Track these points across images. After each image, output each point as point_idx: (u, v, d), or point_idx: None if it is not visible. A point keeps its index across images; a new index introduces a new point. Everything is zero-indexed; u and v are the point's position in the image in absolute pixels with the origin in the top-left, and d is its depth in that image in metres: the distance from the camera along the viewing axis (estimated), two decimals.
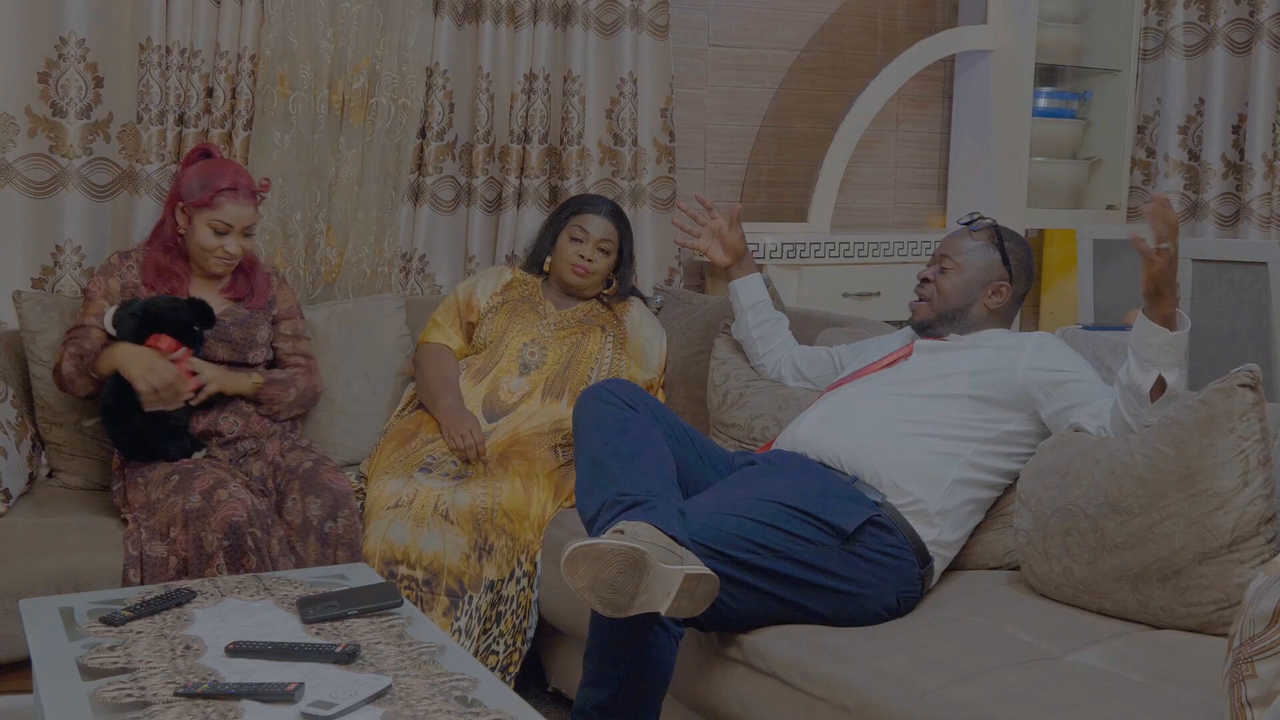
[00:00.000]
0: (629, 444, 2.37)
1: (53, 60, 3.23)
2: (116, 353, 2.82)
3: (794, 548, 2.30)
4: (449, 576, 2.75)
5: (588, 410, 2.48)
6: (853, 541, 2.36)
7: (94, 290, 2.99)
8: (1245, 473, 2.19)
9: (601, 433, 2.40)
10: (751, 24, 4.34)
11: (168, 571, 2.64)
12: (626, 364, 3.32)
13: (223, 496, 2.64)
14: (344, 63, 3.50)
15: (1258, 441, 2.20)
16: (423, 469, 2.95)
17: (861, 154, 4.44)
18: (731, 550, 2.25)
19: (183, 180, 3.00)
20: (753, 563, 2.26)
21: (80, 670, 1.92)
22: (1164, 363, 2.26)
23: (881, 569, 2.37)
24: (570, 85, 3.83)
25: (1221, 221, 4.43)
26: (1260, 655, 1.54)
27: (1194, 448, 2.21)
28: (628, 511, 2.17)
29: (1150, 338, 2.26)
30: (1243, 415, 2.20)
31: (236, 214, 2.95)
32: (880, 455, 2.51)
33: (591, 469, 2.35)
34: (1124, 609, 2.30)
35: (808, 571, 2.30)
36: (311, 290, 3.59)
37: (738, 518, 2.30)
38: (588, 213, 3.36)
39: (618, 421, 2.42)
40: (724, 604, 2.23)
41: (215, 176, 2.95)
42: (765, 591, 2.28)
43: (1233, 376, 2.23)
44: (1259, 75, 4.26)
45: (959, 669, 2.08)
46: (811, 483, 2.45)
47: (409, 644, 2.04)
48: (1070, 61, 4.69)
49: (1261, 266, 3.40)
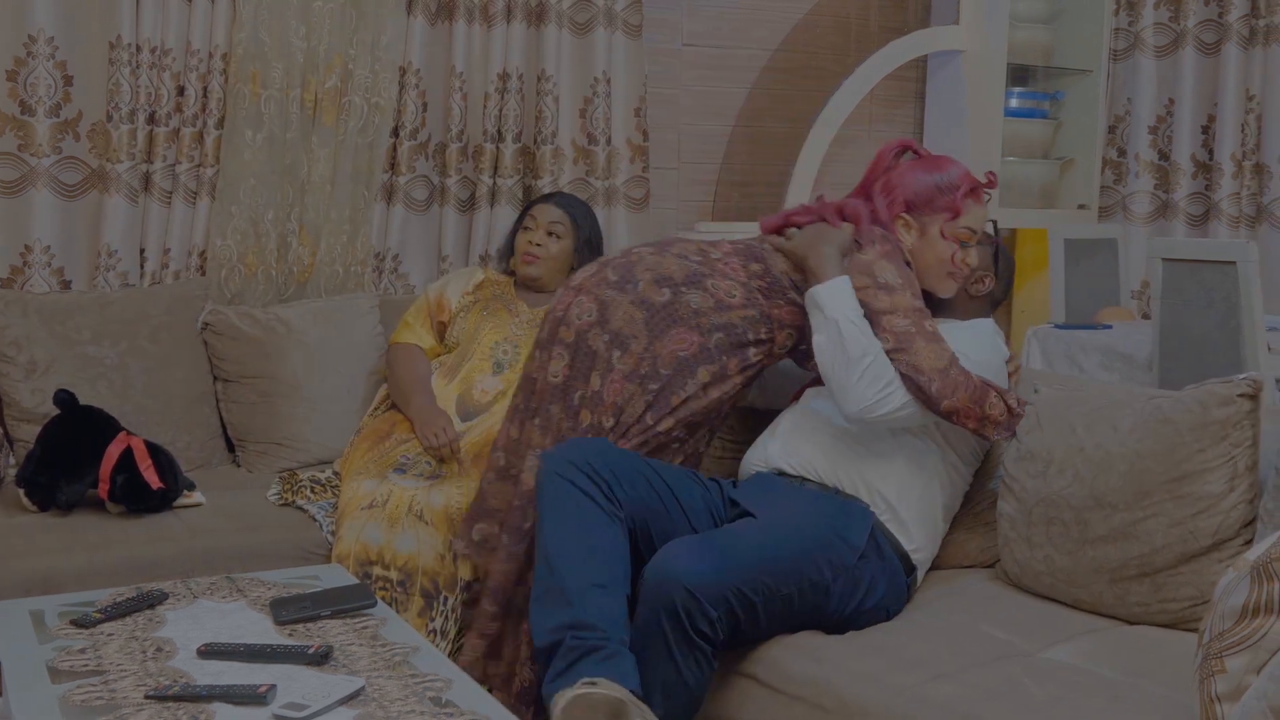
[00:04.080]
0: (585, 545, 2.31)
1: (21, 58, 3.20)
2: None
3: (814, 572, 2.29)
4: (423, 577, 2.74)
5: (549, 491, 2.38)
6: (864, 557, 2.36)
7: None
8: (1233, 478, 2.21)
9: (560, 526, 2.33)
10: (725, 24, 4.35)
11: None
12: None
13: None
14: (316, 61, 3.49)
15: (1248, 448, 2.22)
16: (397, 469, 2.94)
17: (835, 154, 4.45)
18: (762, 596, 2.23)
19: (908, 181, 2.67)
20: (782, 592, 2.26)
21: (50, 673, 1.91)
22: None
23: (881, 575, 2.39)
24: (544, 85, 3.82)
25: (1191, 221, 4.46)
26: (1230, 650, 1.55)
27: (1184, 450, 2.22)
28: (588, 657, 2.16)
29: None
30: (1238, 424, 2.22)
31: (980, 217, 2.69)
32: (854, 462, 2.50)
33: (549, 576, 2.29)
34: (1100, 602, 2.32)
35: (828, 597, 2.31)
36: (284, 290, 3.57)
37: (759, 559, 2.26)
38: (538, 204, 3.38)
39: (577, 513, 2.33)
40: (745, 631, 2.23)
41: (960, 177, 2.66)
42: (791, 615, 2.29)
43: (1234, 384, 2.23)
44: (1228, 76, 4.29)
45: (935, 667, 2.09)
46: (808, 507, 2.44)
47: (383, 645, 2.03)
48: (1041, 62, 4.72)
49: (1231, 266, 3.42)
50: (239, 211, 3.44)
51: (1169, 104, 4.50)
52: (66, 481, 2.81)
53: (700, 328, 2.59)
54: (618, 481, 2.36)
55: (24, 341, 3.07)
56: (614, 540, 2.32)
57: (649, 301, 2.60)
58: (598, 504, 2.33)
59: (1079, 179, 4.76)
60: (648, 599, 2.20)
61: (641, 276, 2.63)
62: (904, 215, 2.63)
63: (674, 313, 2.59)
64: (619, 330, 2.58)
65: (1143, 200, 4.55)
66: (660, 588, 2.17)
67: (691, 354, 2.57)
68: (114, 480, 2.80)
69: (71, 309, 3.17)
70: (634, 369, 2.55)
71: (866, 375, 2.38)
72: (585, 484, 2.34)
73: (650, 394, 2.55)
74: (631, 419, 2.55)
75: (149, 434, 3.00)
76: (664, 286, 2.62)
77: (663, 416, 2.55)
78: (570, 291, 2.68)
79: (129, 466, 2.81)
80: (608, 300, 2.61)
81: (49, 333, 3.11)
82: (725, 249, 2.72)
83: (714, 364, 2.58)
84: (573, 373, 2.60)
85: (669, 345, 2.57)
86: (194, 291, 3.40)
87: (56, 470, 2.81)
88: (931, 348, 2.40)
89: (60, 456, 2.82)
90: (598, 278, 2.67)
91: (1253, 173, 4.31)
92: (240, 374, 3.33)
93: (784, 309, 2.64)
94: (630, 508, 2.36)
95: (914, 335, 2.41)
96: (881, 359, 2.40)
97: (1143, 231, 4.53)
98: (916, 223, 2.63)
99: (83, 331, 3.15)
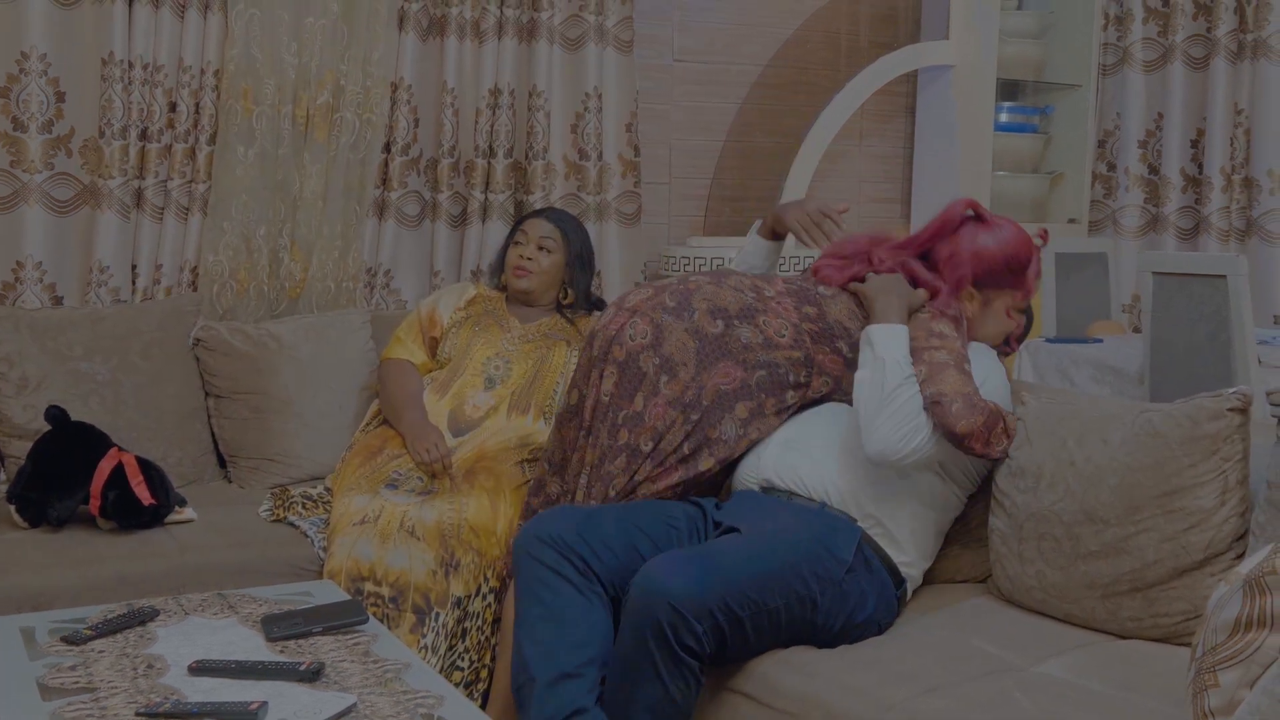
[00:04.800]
0: (557, 631, 2.31)
1: (14, 75, 3.21)
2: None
3: (800, 585, 2.29)
4: (415, 593, 2.74)
5: (522, 573, 2.39)
6: (851, 570, 2.36)
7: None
8: (1224, 492, 2.21)
9: (531, 610, 2.34)
10: (716, 40, 4.36)
11: None
12: None
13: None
14: (308, 78, 3.50)
15: (1238, 462, 2.22)
16: (389, 485, 2.94)
17: (825, 169, 4.47)
18: (749, 610, 2.22)
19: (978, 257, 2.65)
20: (769, 605, 2.25)
21: (40, 690, 1.90)
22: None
23: (870, 589, 2.39)
24: (535, 100, 3.83)
25: (1181, 234, 4.48)
26: (1222, 664, 1.55)
27: (1174, 465, 2.22)
28: None
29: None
30: (1228, 438, 2.22)
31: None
32: (846, 479, 2.50)
33: (521, 671, 2.30)
34: (1092, 616, 2.32)
35: (815, 611, 2.30)
36: (276, 305, 3.57)
37: (745, 573, 2.25)
38: (529, 219, 3.38)
39: (549, 595, 2.33)
40: (732, 647, 2.23)
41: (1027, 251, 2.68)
42: (779, 630, 2.28)
43: (1224, 398, 2.24)
44: (1216, 90, 4.32)
45: (926, 681, 2.09)
46: (793, 521, 2.44)
47: (374, 661, 2.03)
48: (1031, 76, 4.74)
49: (1220, 279, 3.43)
50: (231, 227, 3.44)
51: (1158, 118, 4.52)
52: (58, 498, 2.80)
53: (746, 363, 2.60)
54: (591, 551, 2.36)
55: (16, 357, 3.06)
56: (590, 616, 2.32)
57: (702, 331, 2.61)
58: (569, 580, 2.34)
59: (1069, 193, 4.77)
60: (632, 617, 2.19)
61: (698, 306, 2.65)
62: (971, 289, 2.65)
63: (724, 345, 2.61)
64: (670, 356, 2.60)
65: (1133, 214, 4.57)
66: (644, 604, 2.17)
67: (733, 389, 2.59)
68: (105, 496, 2.79)
69: (63, 325, 3.17)
70: (679, 396, 2.57)
71: (896, 415, 2.39)
72: (555, 560, 2.35)
73: (690, 424, 2.57)
74: (670, 447, 2.56)
75: (141, 450, 3.00)
76: (718, 318, 2.63)
77: (701, 451, 2.57)
78: (624, 312, 2.68)
79: (120, 482, 2.80)
80: (663, 325, 2.63)
81: (41, 349, 3.10)
82: (779, 287, 2.73)
83: (752, 400, 2.60)
84: (619, 391, 2.61)
85: (714, 378, 2.59)
86: (186, 307, 3.40)
87: (48, 486, 2.80)
88: (961, 378, 2.43)
89: (51, 472, 2.81)
90: (654, 301, 2.67)
91: (1242, 186, 4.33)
92: (232, 389, 3.33)
93: (829, 356, 2.66)
94: (609, 575, 2.36)
95: (948, 366, 2.44)
96: (915, 402, 2.41)
97: (1133, 245, 4.55)
98: (981, 296, 2.66)
99: (74, 347, 3.14)
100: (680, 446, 2.57)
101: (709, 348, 2.61)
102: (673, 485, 2.57)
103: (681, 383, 2.58)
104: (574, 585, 2.33)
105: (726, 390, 2.59)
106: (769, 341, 2.63)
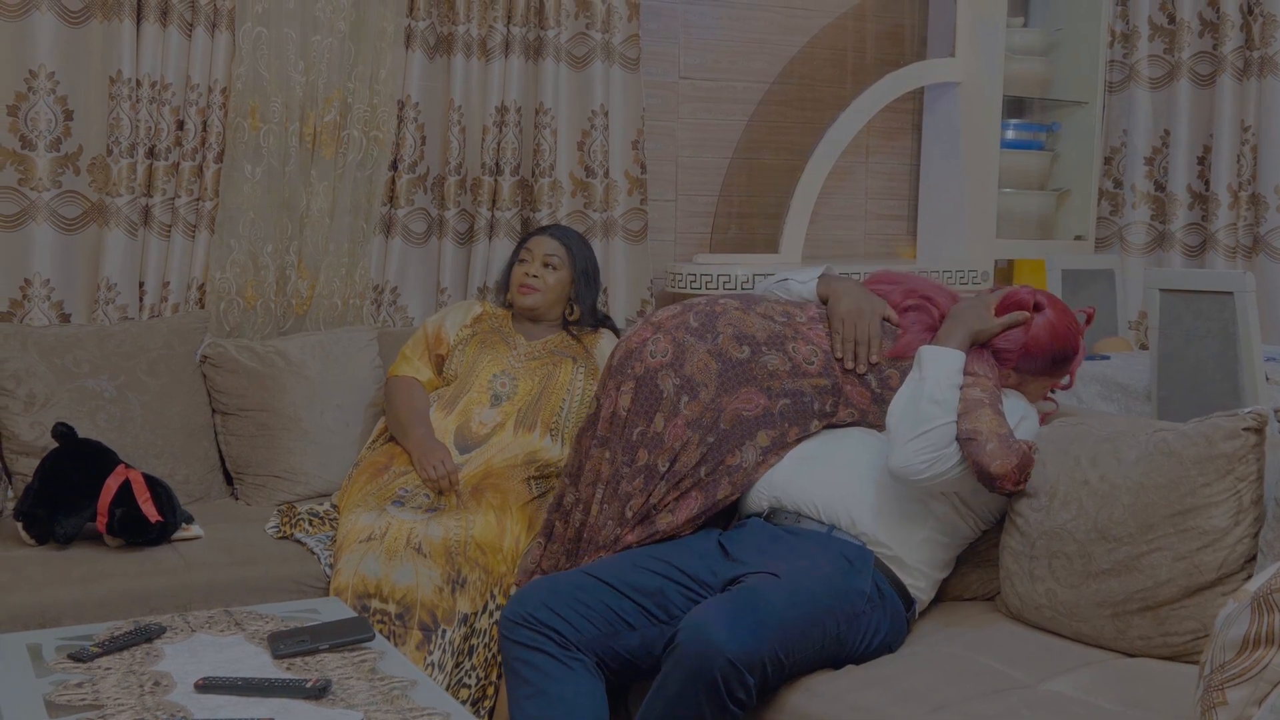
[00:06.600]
0: (542, 712, 2.33)
1: (22, 93, 3.22)
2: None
3: (832, 625, 2.29)
4: (422, 610, 2.73)
5: (505, 657, 2.42)
6: (869, 600, 2.36)
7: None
8: (1238, 512, 2.20)
9: (516, 692, 2.36)
10: (722, 57, 4.37)
11: None
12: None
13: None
14: (315, 95, 3.51)
15: (1253, 482, 2.21)
16: (395, 502, 2.94)
17: (832, 185, 4.47)
18: (793, 658, 2.22)
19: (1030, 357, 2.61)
20: (809, 649, 2.25)
21: (47, 707, 1.90)
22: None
23: (885, 616, 2.38)
24: (542, 118, 3.84)
25: (1188, 251, 4.47)
26: (1231, 682, 1.55)
27: (1189, 484, 2.22)
28: None
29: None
30: (1243, 457, 2.21)
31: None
32: (861, 505, 2.49)
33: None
34: (1101, 635, 2.31)
35: (840, 645, 2.30)
36: (283, 323, 3.58)
37: (790, 619, 2.24)
38: (533, 236, 3.39)
39: (531, 674, 2.35)
40: (773, 679, 2.22)
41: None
42: (809, 667, 2.27)
43: (1240, 418, 2.23)
44: (1223, 107, 4.31)
45: (934, 699, 2.08)
46: (816, 553, 2.42)
47: (380, 679, 2.03)
48: (1038, 94, 4.74)
49: (1228, 296, 3.42)
50: (238, 245, 3.45)
51: (1165, 135, 4.52)
52: (65, 515, 2.80)
53: (770, 391, 2.59)
54: (565, 622, 2.37)
55: (23, 375, 3.07)
56: (576, 685, 2.33)
57: (726, 355, 2.61)
58: (551, 655, 2.35)
59: (1075, 210, 4.77)
60: (681, 670, 2.16)
61: (724, 329, 2.64)
62: (1009, 370, 2.59)
63: (749, 371, 2.60)
64: (690, 376, 2.59)
65: (1139, 231, 4.57)
66: (697, 657, 2.13)
67: (755, 416, 2.58)
68: (112, 513, 2.79)
69: (70, 342, 3.17)
70: (698, 417, 2.56)
71: (926, 438, 2.38)
72: (530, 639, 2.37)
73: (706, 445, 2.56)
74: (685, 469, 2.55)
75: (147, 467, 3.00)
76: (744, 344, 2.63)
77: (720, 478, 2.55)
78: (649, 327, 2.68)
79: (127, 500, 2.81)
80: (685, 345, 2.62)
81: (48, 366, 3.11)
82: (811, 313, 2.72)
83: (775, 429, 2.59)
84: (635, 407, 2.61)
85: (735, 403, 2.58)
86: (193, 324, 3.41)
87: (55, 503, 2.80)
88: (996, 418, 2.41)
89: (59, 490, 2.81)
90: (678, 320, 2.67)
91: (1249, 203, 4.32)
92: (239, 407, 3.34)
93: (857, 389, 2.64)
94: (592, 643, 2.37)
95: (984, 404, 2.42)
96: (949, 431, 2.40)
97: (1140, 262, 4.54)
98: (1018, 377, 2.61)
99: (82, 365, 3.15)
100: (696, 469, 2.55)
101: (732, 371, 2.60)
102: (692, 518, 2.55)
103: (701, 404, 2.56)
104: (554, 658, 2.35)
105: (748, 416, 2.58)
106: (796, 369, 2.61)
